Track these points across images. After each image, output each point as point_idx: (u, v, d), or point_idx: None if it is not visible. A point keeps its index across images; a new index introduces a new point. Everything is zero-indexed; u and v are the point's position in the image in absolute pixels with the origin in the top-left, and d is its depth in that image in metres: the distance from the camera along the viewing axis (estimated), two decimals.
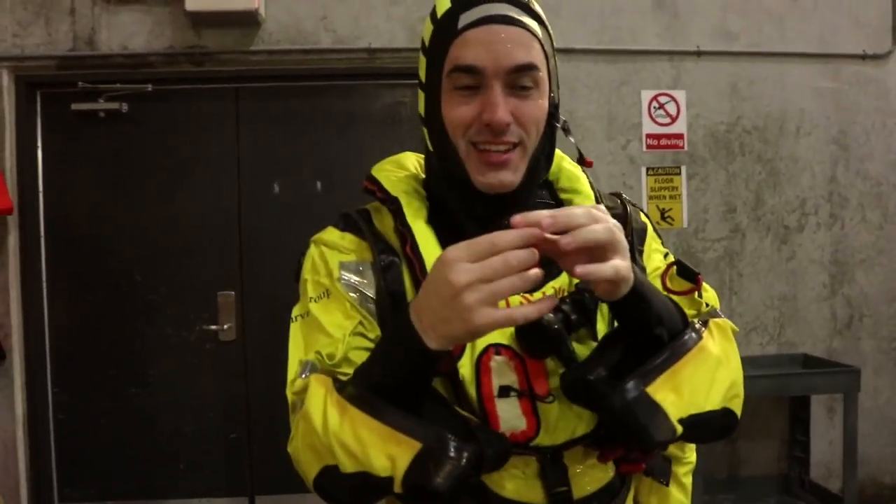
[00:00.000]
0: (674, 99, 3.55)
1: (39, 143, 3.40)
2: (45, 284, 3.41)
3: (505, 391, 0.91)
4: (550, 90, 0.98)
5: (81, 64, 3.33)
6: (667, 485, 1.05)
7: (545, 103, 0.96)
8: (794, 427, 3.63)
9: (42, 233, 3.40)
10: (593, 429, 0.94)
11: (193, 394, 3.44)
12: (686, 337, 0.91)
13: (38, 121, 3.40)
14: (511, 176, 0.95)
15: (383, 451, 0.80)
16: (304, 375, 0.92)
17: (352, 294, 0.96)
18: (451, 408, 0.87)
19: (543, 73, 0.95)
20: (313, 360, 0.93)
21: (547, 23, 0.98)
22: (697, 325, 0.94)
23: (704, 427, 0.91)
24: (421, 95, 1.01)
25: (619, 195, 1.09)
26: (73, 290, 3.42)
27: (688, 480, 1.10)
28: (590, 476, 0.96)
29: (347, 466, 0.82)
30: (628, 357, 0.90)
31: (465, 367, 0.91)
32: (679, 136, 3.56)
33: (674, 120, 3.55)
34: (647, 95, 3.54)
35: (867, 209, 3.69)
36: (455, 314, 0.75)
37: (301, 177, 3.45)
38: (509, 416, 0.90)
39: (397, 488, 0.79)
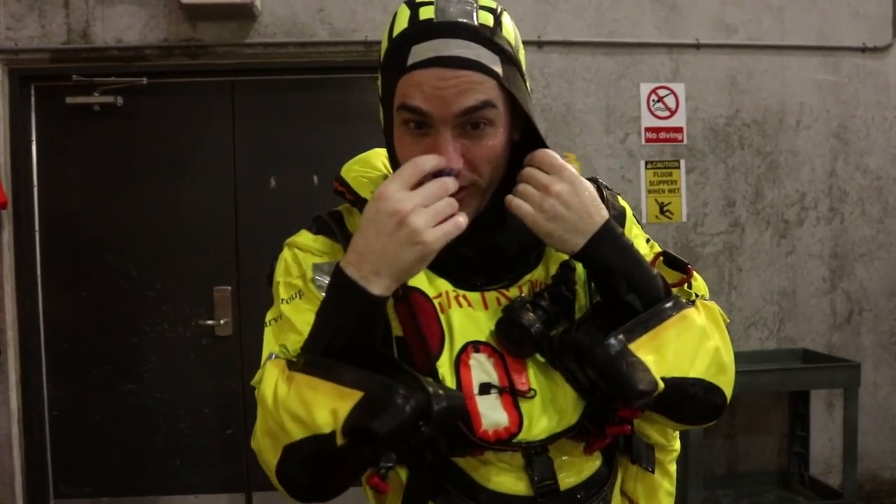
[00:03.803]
0: (673, 92, 3.52)
1: (34, 137, 3.37)
2: (39, 279, 3.39)
3: (486, 388, 0.91)
4: (513, 126, 0.94)
5: (76, 57, 3.31)
6: (652, 472, 1.06)
7: (502, 137, 0.91)
8: (793, 422, 3.61)
9: (37, 227, 3.38)
10: (577, 421, 0.93)
11: (189, 389, 3.42)
12: (667, 305, 0.92)
13: (32, 115, 3.37)
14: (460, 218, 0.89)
15: (326, 406, 0.80)
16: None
17: (324, 294, 0.94)
18: (403, 365, 0.86)
19: (500, 109, 0.90)
20: (277, 351, 0.93)
21: (515, 45, 0.93)
22: (682, 300, 0.95)
23: (688, 396, 0.91)
24: (380, 107, 0.99)
25: (594, 179, 1.06)
26: (68, 285, 3.39)
27: (672, 468, 1.11)
28: (577, 467, 0.97)
29: (296, 434, 0.82)
30: (616, 322, 0.90)
31: (444, 366, 0.90)
32: (678, 130, 3.54)
33: (673, 113, 3.53)
34: (645, 88, 3.51)
35: (867, 203, 3.68)
36: (404, 243, 0.81)
37: (298, 171, 3.42)
38: (491, 413, 0.89)
39: (339, 440, 0.78)
